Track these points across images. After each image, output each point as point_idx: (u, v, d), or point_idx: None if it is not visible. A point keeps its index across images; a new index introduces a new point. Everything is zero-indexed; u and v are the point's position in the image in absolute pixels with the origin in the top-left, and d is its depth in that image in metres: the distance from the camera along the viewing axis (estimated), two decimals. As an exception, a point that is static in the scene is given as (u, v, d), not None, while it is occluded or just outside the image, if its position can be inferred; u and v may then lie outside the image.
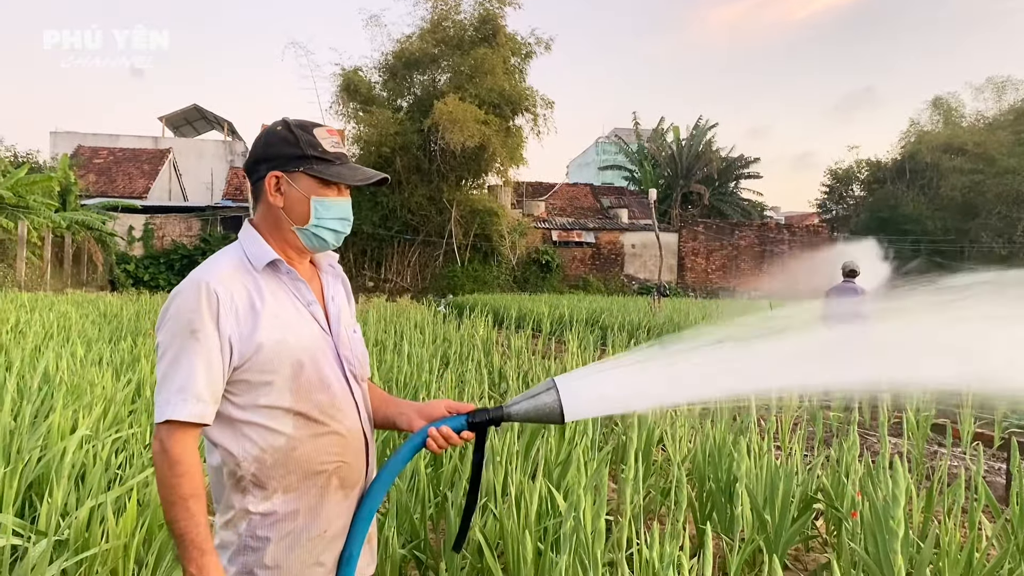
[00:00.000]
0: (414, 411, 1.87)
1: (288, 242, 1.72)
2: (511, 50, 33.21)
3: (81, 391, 4.64)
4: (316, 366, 1.66)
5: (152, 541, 2.97)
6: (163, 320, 1.59)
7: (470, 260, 33.30)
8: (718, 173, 44.91)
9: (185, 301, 1.57)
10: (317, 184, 1.70)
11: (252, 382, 1.59)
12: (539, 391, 1.75)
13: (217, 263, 1.66)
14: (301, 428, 1.63)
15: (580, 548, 2.67)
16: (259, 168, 1.71)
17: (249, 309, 1.61)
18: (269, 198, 1.70)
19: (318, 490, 1.66)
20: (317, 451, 1.65)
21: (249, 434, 1.60)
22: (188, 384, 1.52)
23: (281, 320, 1.64)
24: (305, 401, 1.63)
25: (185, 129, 46.98)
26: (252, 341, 1.58)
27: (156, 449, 1.53)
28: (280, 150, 1.69)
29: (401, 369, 6.37)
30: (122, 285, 28.29)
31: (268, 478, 1.60)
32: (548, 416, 1.74)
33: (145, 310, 13.23)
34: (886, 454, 3.52)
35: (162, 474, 1.51)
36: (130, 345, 7.30)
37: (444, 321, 13.07)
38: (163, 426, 1.52)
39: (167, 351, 1.55)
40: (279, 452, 1.61)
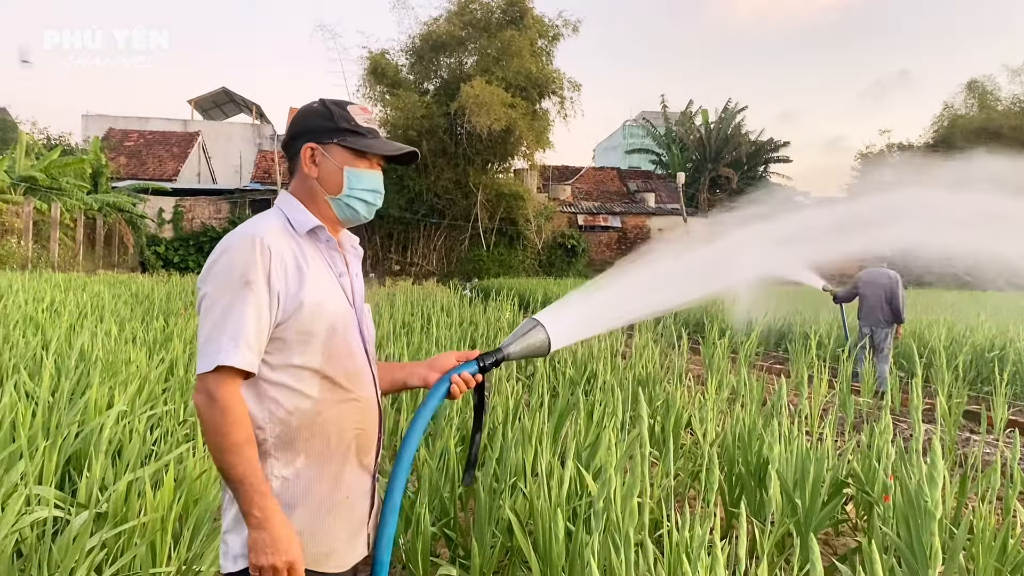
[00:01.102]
0: (424, 367, 1.97)
1: (322, 213, 1.77)
2: (538, 32, 33.00)
3: (116, 369, 4.71)
4: (345, 333, 1.72)
5: (188, 516, 3.02)
6: (211, 271, 1.61)
7: (496, 244, 33.29)
8: (747, 157, 44.44)
9: (238, 253, 1.59)
10: (350, 155, 1.76)
11: (288, 340, 1.63)
12: (527, 329, 2.01)
13: (264, 221, 1.70)
14: (327, 392, 1.67)
15: (611, 527, 2.68)
16: (295, 142, 1.78)
17: (296, 268, 1.65)
18: (304, 169, 1.75)
19: (340, 456, 1.71)
20: (340, 417, 1.70)
21: (275, 396, 1.62)
22: (240, 332, 1.55)
23: (320, 284, 1.69)
24: (334, 365, 1.68)
25: (214, 112, 47.26)
26: (296, 299, 1.62)
27: (201, 401, 1.55)
28: (315, 123, 1.76)
29: (429, 351, 6.40)
30: (152, 267, 28.64)
31: (292, 440, 1.63)
32: (539, 350, 2.01)
33: (176, 291, 13.39)
34: (919, 438, 3.49)
35: (213, 423, 1.53)
36: (162, 325, 7.40)
37: (470, 304, 13.10)
38: (210, 375, 1.54)
39: (217, 301, 1.57)
40: (305, 415, 1.64)
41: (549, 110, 33.30)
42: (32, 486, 2.81)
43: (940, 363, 7.27)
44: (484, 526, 3.09)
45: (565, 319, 2.07)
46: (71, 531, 2.52)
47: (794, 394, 6.84)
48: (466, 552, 3.27)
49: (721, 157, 43.29)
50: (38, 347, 5.21)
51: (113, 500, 2.87)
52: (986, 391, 8.15)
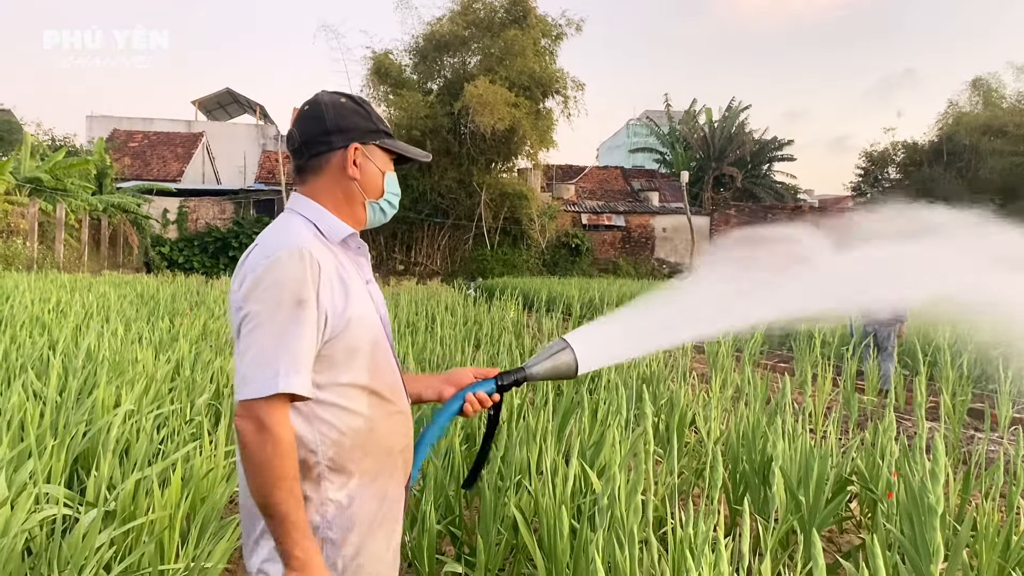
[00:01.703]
0: (440, 382, 1.88)
1: (354, 217, 1.69)
2: (542, 32, 32.99)
3: (123, 368, 4.74)
4: (383, 345, 1.65)
5: (195, 514, 3.04)
6: (258, 287, 1.47)
7: (499, 243, 33.30)
8: (751, 156, 44.37)
9: (289, 269, 1.47)
10: (387, 158, 1.72)
11: (335, 358, 1.53)
12: (555, 350, 1.89)
13: (298, 231, 1.57)
14: (375, 407, 1.60)
15: (615, 524, 2.69)
16: (331, 139, 1.64)
17: (340, 283, 1.56)
18: (348, 170, 1.64)
19: (391, 471, 1.65)
20: (390, 431, 1.63)
21: (326, 416, 1.53)
22: (299, 356, 1.44)
23: (361, 297, 1.61)
24: (379, 379, 1.61)
25: (218, 113, 47.36)
26: (344, 317, 1.53)
27: (250, 428, 1.42)
28: (355, 122, 1.66)
29: (434, 351, 6.42)
30: (157, 267, 28.71)
31: (347, 461, 1.55)
32: (564, 372, 1.89)
33: (181, 291, 13.43)
34: (923, 436, 3.50)
35: (263, 454, 1.41)
36: (168, 325, 7.42)
37: (474, 304, 13.12)
38: (261, 402, 1.42)
39: (268, 321, 1.44)
40: (358, 434, 1.56)
41: (553, 109, 33.32)
42: (41, 485, 2.83)
43: (944, 361, 7.27)
44: (489, 524, 3.11)
45: (596, 341, 1.95)
46: (80, 529, 2.54)
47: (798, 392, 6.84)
48: (471, 550, 3.28)
49: (725, 156, 43.23)
50: (45, 347, 5.24)
51: (121, 498, 2.89)
52: (991, 388, 8.14)
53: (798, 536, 3.44)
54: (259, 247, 1.54)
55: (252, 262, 1.51)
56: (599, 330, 2.02)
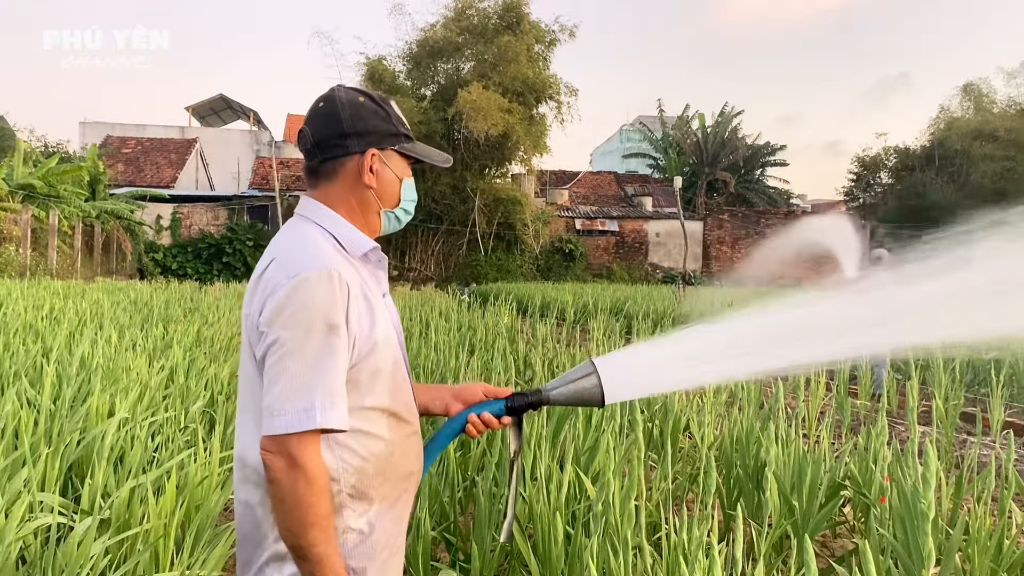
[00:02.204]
0: (449, 395, 1.77)
1: (369, 225, 1.58)
2: (535, 38, 33.07)
3: (117, 376, 4.73)
4: (401, 362, 1.57)
5: (190, 522, 3.04)
6: (284, 312, 1.36)
7: (493, 249, 33.32)
8: (744, 161, 44.51)
9: (317, 292, 1.36)
10: (405, 164, 1.61)
11: (360, 381, 1.44)
12: (579, 375, 1.71)
13: (319, 248, 1.45)
14: (395, 430, 1.52)
15: (609, 530, 2.70)
16: (347, 144, 1.52)
17: (365, 303, 1.46)
18: (364, 178, 1.53)
19: (407, 495, 1.58)
20: (407, 453, 1.56)
21: (348, 443, 1.44)
22: (334, 387, 1.35)
23: (384, 316, 1.52)
24: (397, 400, 1.53)
25: (211, 119, 47.34)
26: (370, 340, 1.45)
27: (280, 466, 1.32)
28: (374, 125, 1.54)
29: (428, 356, 6.42)
30: (150, 274, 28.62)
31: (368, 488, 1.47)
32: (588, 400, 1.70)
33: (175, 298, 13.40)
34: (915, 440, 3.52)
35: (296, 493, 1.32)
36: (162, 332, 7.41)
37: (468, 309, 13.12)
38: (291, 437, 1.32)
39: (298, 349, 1.34)
40: (379, 459, 1.48)
41: (546, 115, 33.38)
42: (35, 493, 2.83)
43: (936, 365, 7.30)
44: (484, 530, 3.11)
45: (630, 368, 1.75)
46: (75, 537, 2.54)
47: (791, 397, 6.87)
48: (466, 556, 3.29)
49: (718, 161, 43.37)
50: (39, 355, 5.23)
51: (116, 507, 2.89)
52: (983, 393, 8.18)
53: (792, 541, 3.45)
54: (277, 263, 1.43)
55: (272, 281, 1.41)
56: (635, 356, 1.82)
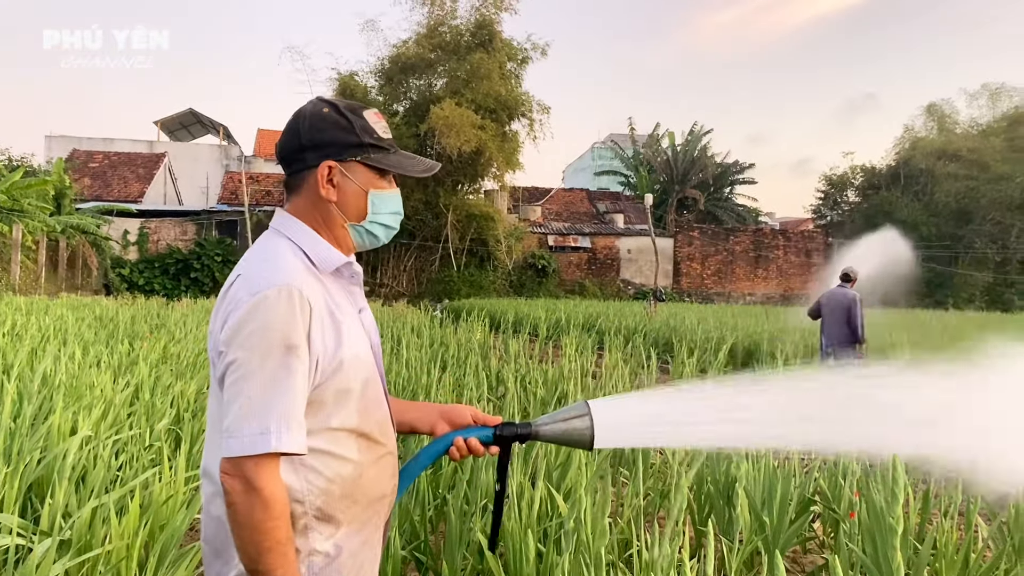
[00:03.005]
0: (437, 414, 1.73)
1: (337, 240, 1.52)
2: (507, 55, 33.26)
3: (80, 393, 4.64)
4: (373, 381, 1.52)
5: (154, 542, 2.98)
6: (241, 332, 1.33)
7: (466, 265, 33.31)
8: (713, 179, 45.07)
9: (276, 311, 1.33)
10: (374, 175, 1.52)
11: (325, 402, 1.41)
12: (571, 415, 1.68)
13: (287, 263, 1.42)
14: (364, 451, 1.48)
15: (581, 548, 2.69)
16: (305, 156, 1.49)
17: (331, 321, 1.42)
18: (320, 191, 1.48)
19: (379, 518, 1.54)
20: (379, 475, 1.52)
21: (313, 464, 1.41)
22: (291, 410, 1.32)
23: (354, 333, 1.47)
24: (368, 420, 1.49)
25: (180, 133, 46.94)
26: (336, 358, 1.41)
27: (237, 489, 1.30)
28: (333, 136, 1.48)
29: (399, 373, 6.38)
30: (117, 289, 28.23)
31: (334, 511, 1.43)
32: (577, 441, 1.67)
33: (141, 314, 13.22)
34: (883, 456, 3.54)
35: (254, 518, 1.29)
36: (127, 348, 7.30)
37: (441, 325, 13.08)
38: (248, 460, 1.29)
39: (256, 370, 1.31)
40: (347, 481, 1.44)
41: (519, 132, 33.56)
42: (-7, 514, 2.76)
43: (904, 381, 7.38)
44: (455, 549, 3.08)
45: (626, 416, 1.72)
46: (34, 559, 2.47)
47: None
48: (437, 575, 3.25)
49: (688, 179, 43.83)
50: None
51: (77, 527, 2.82)
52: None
53: (762, 557, 3.46)
54: (243, 279, 1.40)
55: (235, 297, 1.38)
56: (634, 404, 1.76)
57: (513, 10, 33.41)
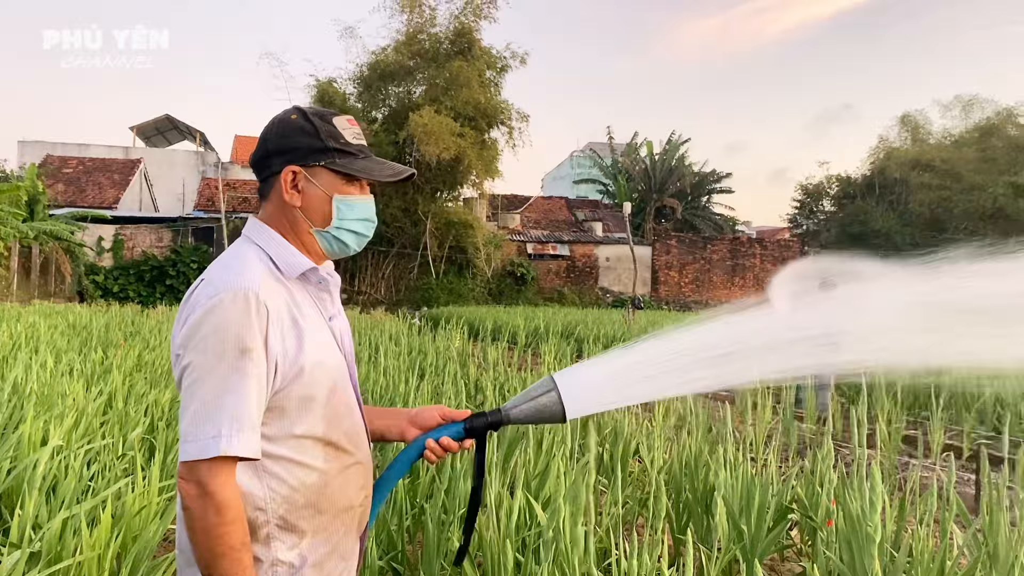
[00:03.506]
0: (406, 420, 1.71)
1: (306, 246, 1.52)
2: (487, 63, 33.30)
3: (52, 402, 4.57)
4: (343, 388, 1.51)
5: (126, 553, 2.93)
6: (196, 335, 1.34)
7: (445, 272, 33.26)
8: (691, 188, 45.33)
9: (230, 313, 1.33)
10: (340, 180, 1.51)
11: (288, 408, 1.40)
12: (539, 392, 1.67)
13: (250, 268, 1.42)
14: (331, 460, 1.47)
15: (560, 558, 2.67)
16: (271, 162, 1.50)
17: (292, 326, 1.42)
18: (284, 196, 1.48)
19: (346, 528, 1.52)
20: (346, 485, 1.50)
21: (277, 472, 1.40)
22: (243, 412, 1.31)
23: (318, 339, 1.46)
24: (336, 428, 1.47)
25: (156, 139, 46.55)
26: (296, 364, 1.40)
27: (191, 492, 1.30)
28: (297, 141, 1.48)
29: (377, 381, 6.34)
30: (91, 296, 27.90)
31: (298, 520, 1.43)
32: (550, 416, 1.66)
33: (115, 321, 13.06)
34: (860, 464, 3.57)
35: (206, 522, 1.29)
36: (101, 356, 7.20)
37: (419, 333, 13.03)
38: (202, 464, 1.29)
39: (208, 373, 1.32)
40: (311, 490, 1.43)
41: (498, 140, 33.55)
42: (-40, 526, 2.70)
43: (880, 389, 7.45)
44: (432, 559, 3.06)
45: (592, 382, 1.71)
46: (2, 571, 2.43)
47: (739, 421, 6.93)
48: (414, 585, 3.22)
49: (666, 188, 44.06)
50: (-31, 380, 5.03)
51: (47, 539, 2.77)
52: (924, 416, 8.37)
53: (741, 565, 3.46)
54: (204, 283, 1.40)
55: (195, 301, 1.38)
56: (596, 369, 1.76)
57: (492, 19, 33.47)
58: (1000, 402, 8.18)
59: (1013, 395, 8.06)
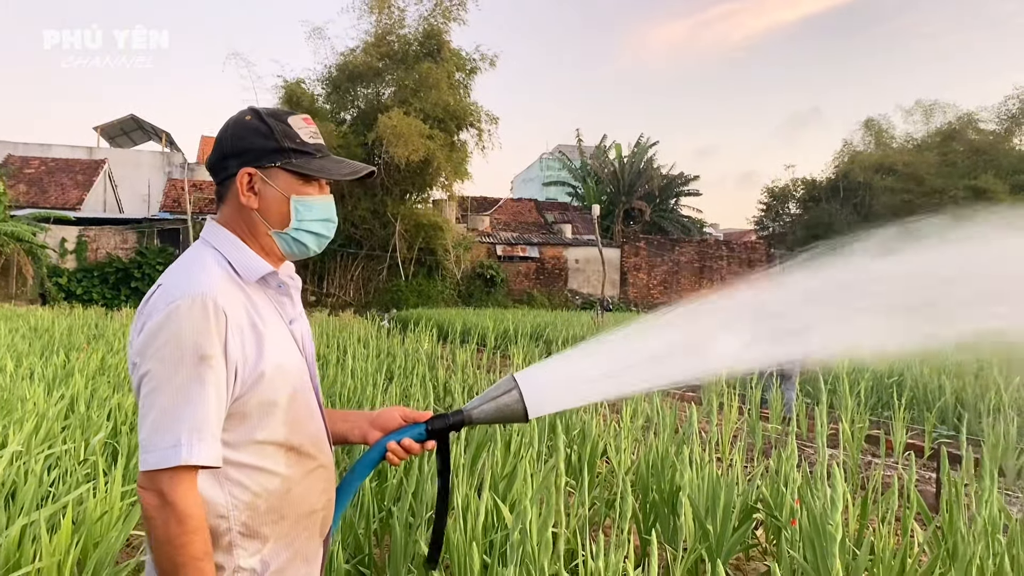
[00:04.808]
0: (367, 422, 1.70)
1: (264, 248, 1.51)
2: (456, 65, 33.26)
3: (11, 406, 4.49)
4: (304, 392, 1.50)
5: (87, 559, 2.89)
6: (153, 343, 1.32)
7: (414, 274, 33.15)
8: (659, 190, 45.70)
9: (188, 321, 1.31)
10: (297, 181, 1.50)
11: (248, 414, 1.39)
12: (500, 391, 1.66)
13: (207, 272, 1.40)
14: (294, 465, 1.46)
15: (527, 560, 2.68)
16: (227, 165, 1.49)
17: (252, 331, 1.40)
18: (241, 199, 1.47)
19: (309, 533, 1.51)
20: (309, 490, 1.49)
21: (238, 478, 1.39)
22: (203, 421, 1.30)
23: (279, 344, 1.45)
24: (298, 433, 1.46)
25: (121, 140, 45.85)
26: (257, 369, 1.38)
27: (152, 503, 1.28)
28: (252, 143, 1.47)
29: (345, 384, 6.31)
30: (53, 299, 27.40)
31: (260, 526, 1.41)
32: (511, 416, 1.65)
33: (78, 324, 12.85)
34: (823, 464, 3.62)
35: (167, 532, 1.27)
36: (63, 360, 7.08)
37: (388, 336, 12.98)
38: (163, 474, 1.28)
39: (166, 381, 1.30)
40: (273, 495, 1.42)
41: (467, 142, 33.53)
42: (-85, 533, 2.65)
43: (843, 389, 7.55)
44: (399, 562, 3.05)
45: (553, 382, 1.70)
46: (-42, 580, 2.38)
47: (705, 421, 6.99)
48: (381, 589, 3.21)
49: (634, 190, 44.36)
50: (-75, 385, 4.93)
51: (5, 546, 2.72)
52: (886, 416, 8.50)
53: (706, 565, 3.49)
54: (161, 289, 1.38)
55: (152, 308, 1.36)
56: (557, 368, 1.76)
57: (462, 21, 33.43)
58: (960, 402, 8.34)
59: (972, 395, 8.21)
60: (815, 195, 47.10)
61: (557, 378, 1.72)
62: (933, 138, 44.44)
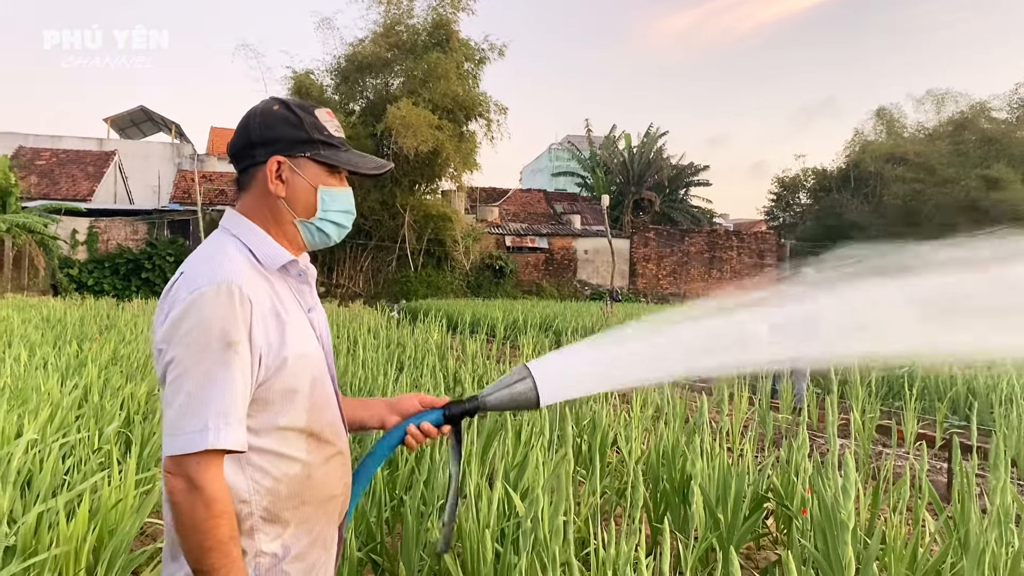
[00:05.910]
0: (385, 408, 1.75)
1: (287, 237, 1.53)
2: (464, 55, 33.17)
3: (26, 396, 4.53)
4: (323, 381, 1.52)
5: (103, 547, 2.91)
6: (179, 329, 1.33)
7: (424, 265, 33.18)
8: (668, 180, 45.50)
9: (214, 308, 1.33)
10: (324, 172, 1.52)
11: (271, 400, 1.41)
12: (514, 379, 1.72)
13: (230, 260, 1.42)
14: (314, 451, 1.48)
15: (538, 548, 2.69)
16: (254, 152, 1.50)
17: (275, 318, 1.42)
18: (268, 186, 1.48)
19: (328, 518, 1.53)
20: (328, 475, 1.52)
21: (260, 463, 1.40)
22: (230, 406, 1.31)
23: (300, 332, 1.47)
24: (318, 420, 1.48)
25: (131, 131, 45.99)
26: (280, 356, 1.40)
27: (179, 487, 1.29)
28: (282, 132, 1.49)
29: (355, 374, 6.33)
30: (65, 290, 27.57)
31: (282, 511, 1.43)
32: (524, 403, 1.71)
33: (90, 315, 12.93)
34: (835, 453, 3.61)
35: (194, 516, 1.29)
36: (76, 350, 7.13)
37: (398, 326, 13.01)
38: (190, 458, 1.29)
39: (193, 367, 1.31)
40: (295, 481, 1.44)
41: (476, 132, 33.47)
42: (-66, 520, 2.68)
43: (854, 379, 7.54)
44: (412, 550, 3.07)
45: (565, 370, 1.76)
46: (-24, 567, 2.41)
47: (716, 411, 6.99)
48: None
49: (644, 180, 44.20)
50: (-60, 374, 4.97)
51: (22, 533, 2.75)
52: (897, 406, 8.47)
53: (717, 553, 3.50)
54: (184, 277, 1.39)
55: (175, 295, 1.37)
56: (570, 357, 1.82)
57: (471, 10, 33.34)
58: (972, 391, 8.30)
59: (984, 385, 8.18)
60: (826, 185, 46.85)
61: (569, 367, 1.77)
62: (945, 127, 44.11)
